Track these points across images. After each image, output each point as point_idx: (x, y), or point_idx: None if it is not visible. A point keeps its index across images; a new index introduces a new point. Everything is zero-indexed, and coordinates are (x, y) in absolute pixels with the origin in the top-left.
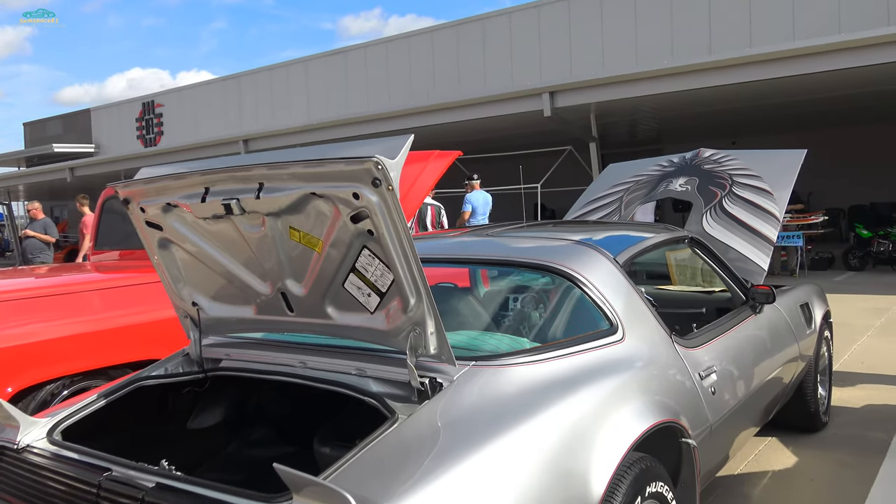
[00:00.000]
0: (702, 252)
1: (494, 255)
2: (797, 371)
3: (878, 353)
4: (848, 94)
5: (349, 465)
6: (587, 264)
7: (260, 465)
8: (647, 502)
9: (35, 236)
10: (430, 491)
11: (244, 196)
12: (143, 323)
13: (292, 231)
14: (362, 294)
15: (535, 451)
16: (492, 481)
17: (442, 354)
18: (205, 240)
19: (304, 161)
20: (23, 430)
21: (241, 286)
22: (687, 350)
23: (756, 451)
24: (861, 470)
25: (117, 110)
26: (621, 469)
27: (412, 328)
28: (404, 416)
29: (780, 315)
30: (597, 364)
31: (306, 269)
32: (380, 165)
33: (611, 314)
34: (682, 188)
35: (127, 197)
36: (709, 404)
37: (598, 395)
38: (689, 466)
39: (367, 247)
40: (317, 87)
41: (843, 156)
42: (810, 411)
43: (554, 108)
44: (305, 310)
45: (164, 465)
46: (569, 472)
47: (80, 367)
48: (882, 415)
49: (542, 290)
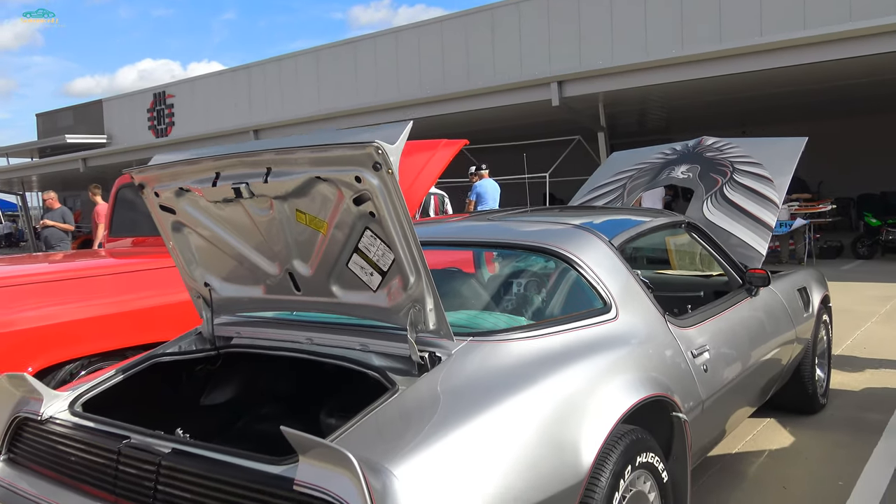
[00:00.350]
0: (699, 237)
1: (493, 238)
2: (794, 353)
3: (881, 339)
4: (859, 82)
5: (352, 430)
6: (583, 246)
7: (269, 438)
8: (638, 472)
9: (55, 225)
10: (428, 454)
11: (253, 180)
12: (158, 306)
13: (299, 214)
14: (365, 273)
15: (528, 419)
16: (487, 447)
17: (440, 330)
18: (216, 223)
19: (309, 146)
20: (46, 402)
21: (251, 267)
22: (680, 329)
23: (754, 432)
24: (856, 449)
25: (129, 101)
26: (612, 439)
27: (412, 305)
28: (404, 387)
29: (777, 298)
30: (590, 340)
31: (312, 250)
32: (380, 150)
33: (605, 294)
34: (683, 175)
35: (142, 182)
36: (701, 381)
37: (590, 369)
38: (680, 440)
39: (369, 228)
40: (327, 78)
41: (855, 145)
42: (808, 393)
43: (562, 97)
44: (312, 289)
45: (180, 433)
46: (561, 440)
47: (97, 349)
48: (880, 398)
49: (540, 271)
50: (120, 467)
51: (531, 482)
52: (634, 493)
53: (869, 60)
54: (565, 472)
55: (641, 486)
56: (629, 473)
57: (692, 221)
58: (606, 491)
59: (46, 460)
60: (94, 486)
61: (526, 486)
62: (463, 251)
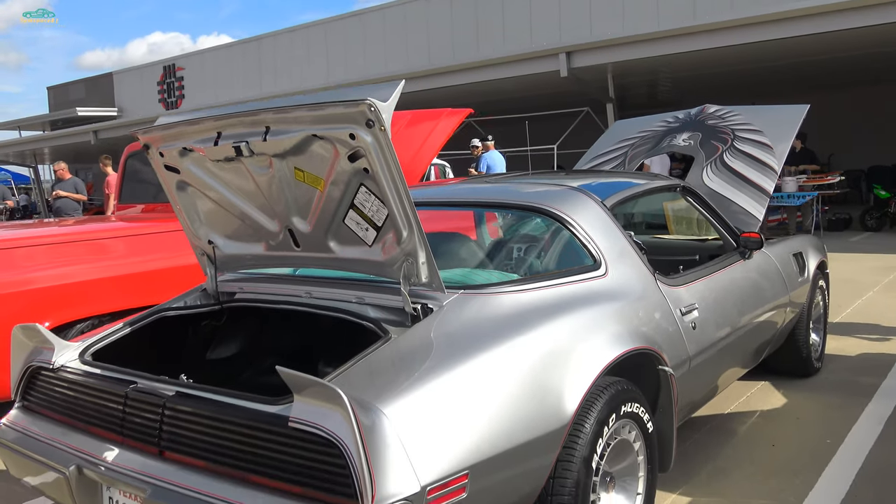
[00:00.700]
0: (694, 200)
1: (488, 198)
2: (788, 317)
3: (881, 307)
4: (875, 52)
5: (345, 373)
6: (575, 206)
7: (271, 390)
8: (623, 421)
9: (67, 196)
10: (417, 395)
11: (252, 139)
12: (167, 268)
13: (297, 171)
14: (361, 229)
15: (515, 366)
16: (474, 390)
17: (432, 282)
18: (218, 181)
19: (305, 105)
20: (57, 352)
21: (252, 224)
22: (669, 288)
23: (748, 394)
24: (848, 410)
25: (139, 74)
26: (596, 388)
27: (405, 258)
28: (397, 335)
29: (771, 262)
30: (579, 294)
31: (310, 207)
32: (373, 108)
33: (595, 252)
34: (685, 143)
35: (147, 142)
36: (689, 338)
37: (577, 322)
38: (666, 393)
39: (363, 184)
40: (336, 50)
41: (868, 116)
42: (802, 357)
43: (571, 68)
44: (311, 245)
45: (183, 378)
46: (546, 386)
47: (107, 309)
48: (875, 362)
49: (533, 230)
50: (127, 410)
51: (516, 424)
52: (619, 441)
53: (886, 29)
54: (549, 416)
55: (626, 435)
56: (613, 422)
57: (687, 185)
58: (590, 437)
59: (58, 406)
60: (104, 428)
61: (511, 427)
62: (459, 214)
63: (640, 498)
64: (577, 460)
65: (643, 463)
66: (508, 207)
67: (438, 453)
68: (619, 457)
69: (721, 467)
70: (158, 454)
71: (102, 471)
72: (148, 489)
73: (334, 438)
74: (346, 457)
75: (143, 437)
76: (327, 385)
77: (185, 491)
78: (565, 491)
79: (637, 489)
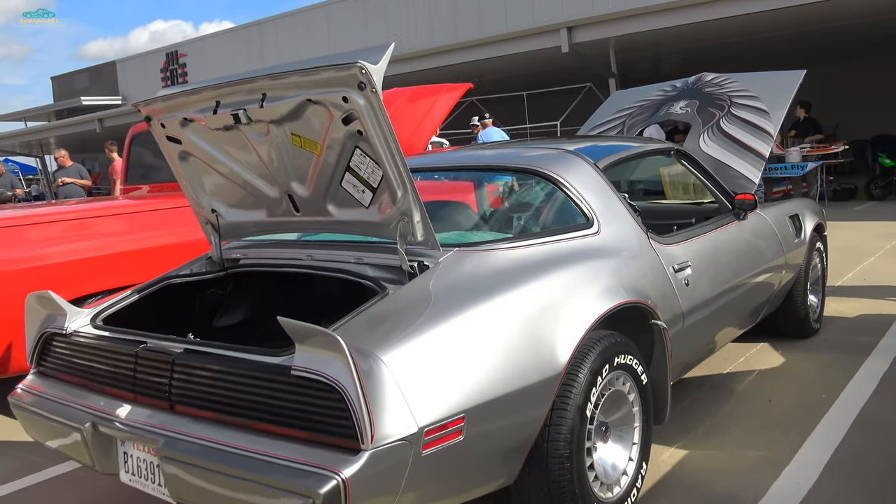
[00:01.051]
0: (688, 164)
1: (484, 162)
2: (785, 278)
3: (882, 272)
4: (882, 19)
5: (344, 325)
6: (568, 168)
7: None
8: (617, 373)
9: (73, 182)
10: (414, 344)
11: (250, 106)
12: (174, 244)
13: (294, 137)
14: (357, 191)
15: (510, 317)
16: (469, 340)
17: (428, 241)
18: (219, 150)
19: (300, 70)
20: (69, 317)
21: (253, 192)
22: (662, 246)
23: (747, 354)
24: (845, 367)
25: (142, 61)
26: (589, 339)
27: (401, 218)
28: (394, 291)
29: (766, 223)
30: (572, 251)
31: (308, 172)
32: (364, 70)
33: (588, 211)
34: (682, 111)
35: (149, 114)
36: (682, 294)
37: (570, 276)
38: (660, 347)
39: (358, 147)
40: (338, 32)
41: (874, 87)
42: (800, 318)
43: (572, 43)
44: (310, 209)
45: (191, 337)
46: (540, 337)
47: (116, 284)
48: (874, 323)
49: (526, 192)
50: (138, 369)
51: (511, 371)
52: (614, 391)
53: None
54: (543, 365)
55: (620, 386)
56: (607, 372)
57: (681, 149)
58: (584, 386)
59: (72, 369)
60: (116, 387)
61: (506, 374)
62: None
63: (636, 448)
64: (572, 408)
65: (638, 414)
66: (503, 170)
67: (435, 397)
68: (613, 407)
69: (718, 423)
70: (169, 408)
71: (117, 426)
72: (160, 440)
73: (335, 384)
74: (346, 401)
75: (154, 394)
76: (327, 333)
77: (196, 440)
78: (560, 437)
79: (633, 439)
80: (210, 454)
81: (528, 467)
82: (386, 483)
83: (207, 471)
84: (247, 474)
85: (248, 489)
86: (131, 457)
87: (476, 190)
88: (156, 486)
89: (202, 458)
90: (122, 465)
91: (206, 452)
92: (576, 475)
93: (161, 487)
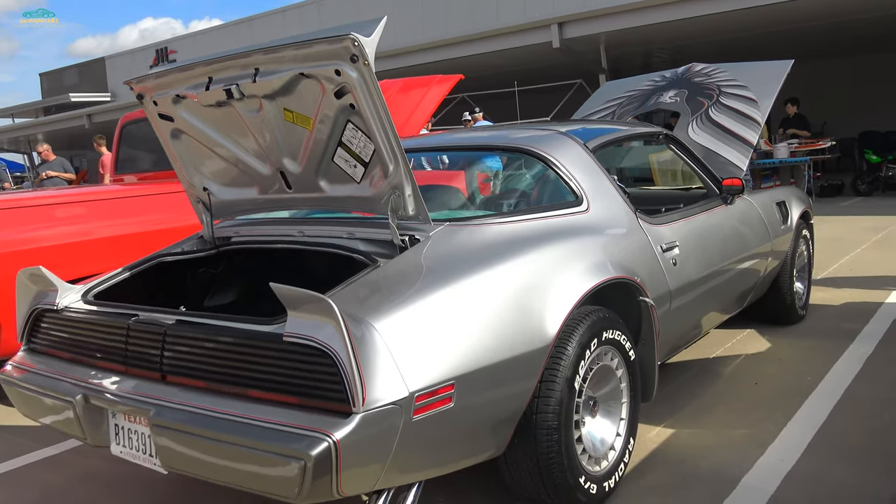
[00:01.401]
0: (676, 148)
1: (474, 143)
2: (771, 265)
3: (867, 262)
4: (872, 16)
5: (336, 294)
6: (558, 147)
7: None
8: (605, 347)
9: (57, 175)
10: (405, 312)
11: (243, 81)
12: (166, 229)
13: (286, 112)
14: (349, 166)
15: (499, 289)
16: (460, 310)
17: (419, 214)
18: (211, 127)
19: (292, 44)
20: (61, 293)
21: (246, 169)
22: (651, 225)
23: (733, 340)
24: (829, 352)
25: (131, 58)
26: (577, 313)
27: (392, 192)
28: (386, 262)
29: (753, 208)
30: (561, 227)
31: (300, 148)
32: (356, 42)
33: (577, 189)
34: (671, 100)
35: (140, 92)
36: (669, 273)
37: (559, 251)
38: (647, 323)
39: (350, 121)
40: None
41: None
42: (786, 304)
43: (563, 39)
44: (302, 186)
45: (182, 309)
46: (529, 309)
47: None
48: (859, 310)
49: (516, 171)
50: (130, 341)
51: (501, 342)
52: (601, 366)
53: None
54: (532, 337)
55: (608, 361)
56: (595, 346)
57: (669, 133)
58: (572, 359)
59: (63, 345)
60: (108, 360)
61: (496, 345)
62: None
63: (624, 423)
64: (560, 380)
65: (626, 389)
66: (494, 149)
67: (426, 363)
68: (601, 382)
69: (705, 404)
70: (161, 379)
71: (108, 398)
72: (152, 409)
73: (327, 348)
74: (338, 364)
75: (146, 365)
76: (320, 297)
77: (188, 408)
78: (549, 409)
79: (620, 414)
80: (202, 421)
81: (517, 439)
82: (376, 448)
83: (199, 437)
84: (238, 439)
85: (238, 455)
86: (122, 429)
87: (467, 169)
88: (147, 457)
89: (194, 425)
90: (114, 438)
91: (198, 420)
92: (564, 447)
93: (153, 458)
